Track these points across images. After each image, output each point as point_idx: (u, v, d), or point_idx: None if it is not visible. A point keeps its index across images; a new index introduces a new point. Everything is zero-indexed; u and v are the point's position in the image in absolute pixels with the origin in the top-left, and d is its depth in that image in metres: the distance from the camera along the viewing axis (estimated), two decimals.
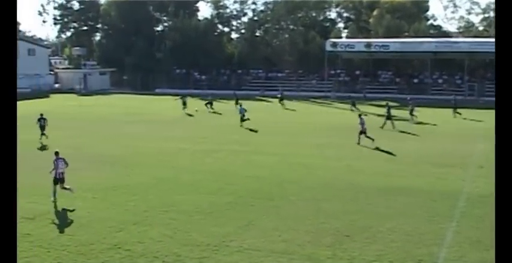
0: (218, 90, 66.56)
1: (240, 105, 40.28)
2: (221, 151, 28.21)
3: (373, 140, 29.96)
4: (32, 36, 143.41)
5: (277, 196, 19.36)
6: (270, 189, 20.32)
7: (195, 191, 20.13)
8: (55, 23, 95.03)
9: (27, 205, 17.96)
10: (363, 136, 30.34)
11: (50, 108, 52.25)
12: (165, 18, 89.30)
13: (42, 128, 31.89)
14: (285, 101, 53.73)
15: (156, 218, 16.79)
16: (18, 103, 53.95)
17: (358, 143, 30.15)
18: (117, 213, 17.40)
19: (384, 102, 42.05)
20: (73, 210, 17.69)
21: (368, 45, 66.87)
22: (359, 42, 68.35)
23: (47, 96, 67.56)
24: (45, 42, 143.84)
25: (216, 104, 51.06)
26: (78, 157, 26.64)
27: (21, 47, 76.53)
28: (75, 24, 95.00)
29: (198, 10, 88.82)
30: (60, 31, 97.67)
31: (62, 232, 15.66)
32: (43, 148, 29.54)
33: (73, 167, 24.00)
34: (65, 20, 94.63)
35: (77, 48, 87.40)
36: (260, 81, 74.00)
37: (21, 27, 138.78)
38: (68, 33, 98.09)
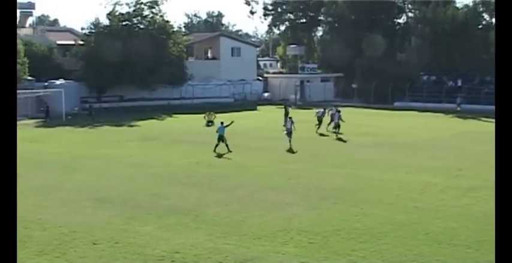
0: (482, 105, 64.82)
1: None
2: (483, 189, 27.33)
3: None
4: (236, 32, 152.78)
5: None
6: None
7: (446, 242, 19.77)
8: (265, 14, 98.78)
9: None
10: None
11: (260, 123, 55.26)
12: (410, 6, 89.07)
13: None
14: None
15: None
16: (222, 116, 55.52)
17: None
18: None
19: None
20: (284, 253, 18.50)
21: None
22: None
23: (254, 109, 71.36)
24: (253, 39, 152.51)
25: (477, 124, 49.29)
26: (291, 187, 27.96)
27: (223, 45, 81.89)
28: (291, 16, 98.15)
29: None
30: (272, 25, 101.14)
31: None
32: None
33: (283, 200, 25.30)
34: (279, 10, 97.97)
35: (293, 46, 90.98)
36: None
37: (224, 20, 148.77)
38: (282, 28, 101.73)
